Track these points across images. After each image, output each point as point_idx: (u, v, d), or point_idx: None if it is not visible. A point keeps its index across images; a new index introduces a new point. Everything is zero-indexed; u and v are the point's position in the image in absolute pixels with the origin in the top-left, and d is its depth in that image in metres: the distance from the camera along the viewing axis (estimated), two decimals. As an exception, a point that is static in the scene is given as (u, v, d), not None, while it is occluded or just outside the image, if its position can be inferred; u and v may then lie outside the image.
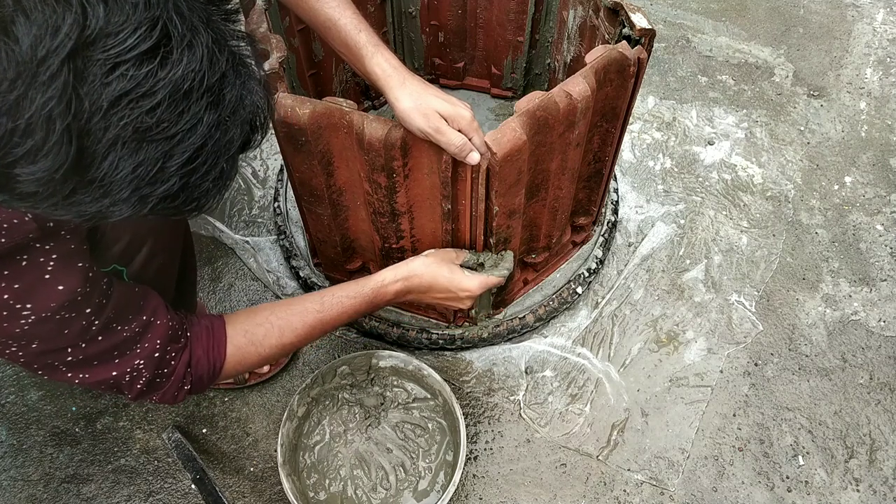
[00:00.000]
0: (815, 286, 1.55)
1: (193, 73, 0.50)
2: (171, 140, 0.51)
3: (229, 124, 0.55)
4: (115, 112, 0.48)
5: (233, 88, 0.54)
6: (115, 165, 0.50)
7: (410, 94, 0.93)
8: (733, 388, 1.40)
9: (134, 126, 0.49)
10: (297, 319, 1.00)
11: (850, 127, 1.85)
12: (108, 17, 0.46)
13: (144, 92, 0.48)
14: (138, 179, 0.51)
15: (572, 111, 1.01)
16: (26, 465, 1.30)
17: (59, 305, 0.71)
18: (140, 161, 0.50)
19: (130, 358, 0.83)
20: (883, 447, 1.33)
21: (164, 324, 0.86)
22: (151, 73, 0.48)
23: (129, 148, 0.49)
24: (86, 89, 0.46)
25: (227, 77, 0.53)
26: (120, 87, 0.47)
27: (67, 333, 0.75)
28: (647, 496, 1.27)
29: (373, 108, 1.71)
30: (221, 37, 0.53)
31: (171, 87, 0.49)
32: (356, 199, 1.15)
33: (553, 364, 1.42)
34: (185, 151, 0.52)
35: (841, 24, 2.13)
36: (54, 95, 0.45)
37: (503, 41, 1.58)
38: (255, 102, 0.57)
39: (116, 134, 0.48)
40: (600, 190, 1.33)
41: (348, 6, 0.99)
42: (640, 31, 1.05)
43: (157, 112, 0.49)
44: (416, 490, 1.25)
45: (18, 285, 0.68)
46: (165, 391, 0.90)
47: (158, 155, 0.51)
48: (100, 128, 0.48)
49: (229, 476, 1.29)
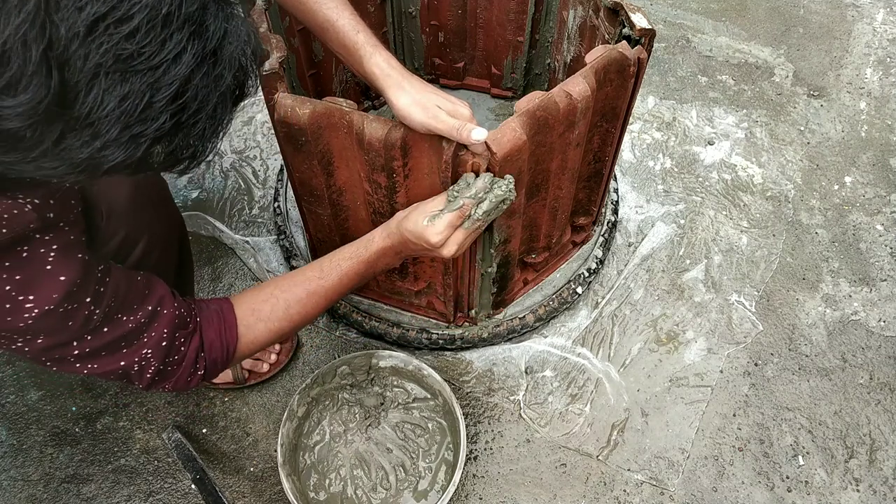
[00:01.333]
0: (815, 286, 1.55)
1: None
2: (155, 71, 0.49)
3: (216, 58, 0.53)
4: (93, 38, 0.46)
5: (216, 20, 0.53)
6: (100, 99, 0.48)
7: (409, 92, 0.93)
8: (733, 388, 1.40)
9: (114, 53, 0.47)
10: (300, 290, 1.00)
11: (850, 127, 1.85)
12: None
13: (120, 16, 0.47)
14: (126, 115, 0.50)
15: (572, 111, 1.01)
16: (26, 465, 1.30)
17: (61, 297, 0.71)
18: (125, 93, 0.49)
19: (138, 347, 0.83)
20: (883, 447, 1.33)
21: (170, 313, 0.86)
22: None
23: (112, 79, 0.48)
24: (60, 14, 0.45)
25: (209, 8, 0.52)
26: (94, 11, 0.46)
27: (71, 325, 0.75)
28: (647, 496, 1.27)
29: (373, 108, 1.71)
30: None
31: (148, 11, 0.47)
32: (356, 199, 1.15)
33: (553, 364, 1.42)
34: (172, 83, 0.50)
35: (841, 24, 2.13)
36: (26, 19, 0.44)
37: (503, 41, 1.58)
38: (242, 38, 0.56)
39: (97, 62, 0.47)
40: (600, 190, 1.33)
41: (346, 7, 0.99)
42: (640, 31, 1.05)
43: (137, 38, 0.48)
44: (416, 490, 1.25)
45: (20, 276, 0.68)
46: (178, 378, 0.90)
47: (144, 87, 0.49)
48: (79, 55, 0.47)
49: (229, 476, 1.29)
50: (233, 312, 0.96)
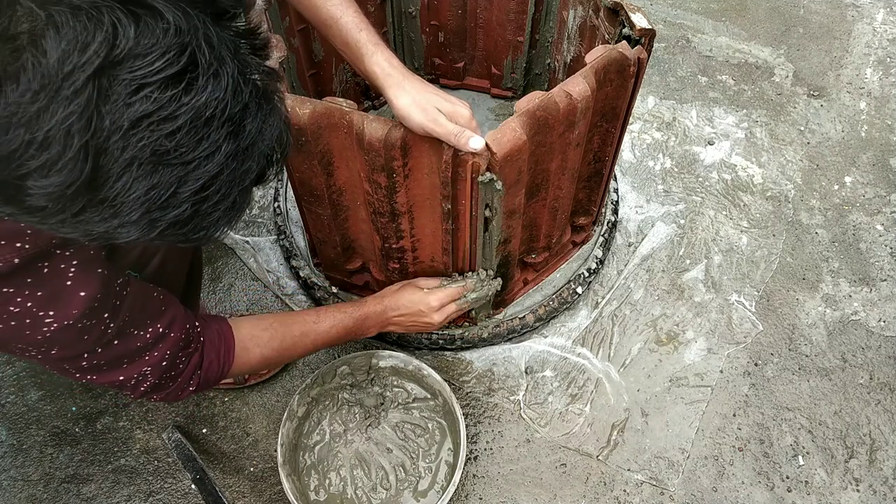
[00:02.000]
0: (815, 286, 1.55)
1: (216, 101, 0.50)
2: (187, 166, 0.51)
3: (247, 156, 0.55)
4: (134, 133, 0.48)
5: (254, 120, 0.54)
6: (129, 186, 0.50)
7: (409, 92, 0.93)
8: (733, 388, 1.40)
9: (152, 148, 0.49)
10: (296, 327, 1.09)
11: (850, 127, 1.85)
12: (139, 39, 0.46)
13: (166, 115, 0.48)
14: (150, 202, 0.51)
15: (572, 111, 1.01)
16: (26, 465, 1.30)
17: (80, 313, 0.72)
18: (154, 184, 0.50)
19: (139, 365, 0.84)
20: (883, 447, 1.33)
21: (176, 336, 0.88)
22: (175, 97, 0.48)
23: (144, 170, 0.49)
24: (108, 108, 0.46)
25: (250, 109, 0.53)
26: (142, 109, 0.47)
27: (87, 339, 0.76)
28: (647, 496, 1.27)
29: (373, 108, 1.71)
30: (247, 69, 0.53)
31: (192, 113, 0.49)
32: (356, 199, 1.15)
33: (553, 364, 1.42)
34: (200, 178, 0.52)
35: (841, 24, 2.13)
36: (76, 111, 0.45)
37: (503, 41, 1.58)
38: (275, 137, 0.57)
39: (133, 154, 0.48)
40: (600, 190, 1.33)
41: (350, 5, 0.99)
42: (640, 31, 1.05)
43: (177, 136, 0.49)
44: (416, 490, 1.25)
45: (41, 293, 0.68)
46: (169, 392, 0.92)
47: (173, 179, 0.51)
48: (118, 147, 0.48)
49: (229, 476, 1.29)
50: (233, 336, 1.00)
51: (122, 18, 0.45)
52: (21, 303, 0.67)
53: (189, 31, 0.48)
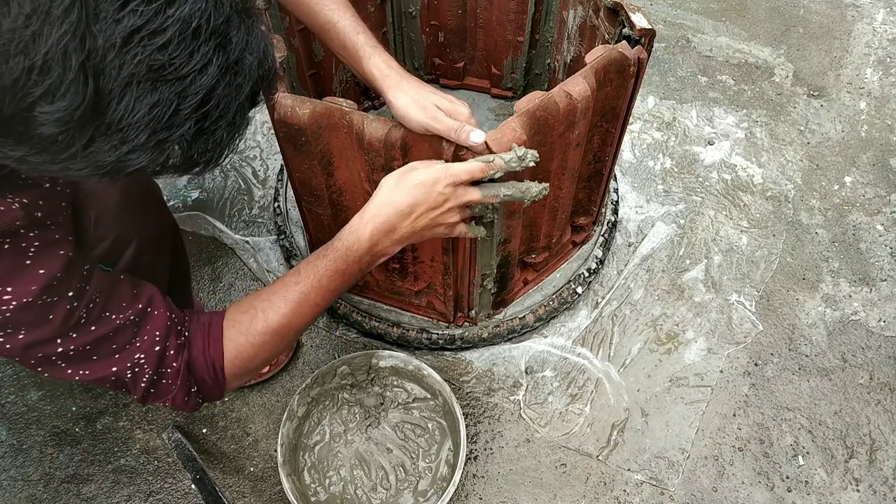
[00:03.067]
0: (815, 286, 1.55)
1: (200, 13, 0.51)
2: (183, 80, 0.52)
3: (238, 69, 0.56)
4: (128, 49, 0.49)
5: (238, 32, 0.56)
6: (132, 106, 0.51)
7: (407, 92, 0.94)
8: (733, 388, 1.40)
9: (147, 64, 0.50)
10: (277, 297, 0.90)
11: (850, 127, 1.85)
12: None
13: (155, 28, 0.49)
14: (154, 122, 0.52)
15: (572, 111, 1.01)
16: (26, 465, 1.30)
17: (39, 289, 0.71)
18: (155, 102, 0.52)
19: (130, 352, 0.80)
20: (883, 447, 1.33)
21: (161, 314, 0.82)
22: (160, 9, 0.49)
23: (143, 88, 0.51)
24: (99, 26, 0.48)
25: (232, 21, 0.55)
26: (131, 24, 0.48)
27: (52, 319, 0.73)
28: (647, 496, 1.27)
29: (373, 108, 1.71)
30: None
31: (179, 24, 0.50)
32: (356, 199, 1.15)
33: (553, 364, 1.42)
34: (198, 92, 0.53)
35: (841, 24, 2.13)
36: (68, 30, 0.46)
37: (503, 41, 1.58)
38: (261, 49, 0.59)
39: (131, 72, 0.50)
40: (600, 190, 1.33)
41: (347, 8, 0.99)
42: (640, 31, 1.05)
43: (169, 49, 0.50)
44: (416, 490, 1.25)
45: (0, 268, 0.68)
46: (175, 395, 0.85)
47: (172, 96, 0.52)
48: (114, 65, 0.49)
49: (229, 476, 1.29)
50: (220, 327, 0.88)
51: None
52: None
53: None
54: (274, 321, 0.89)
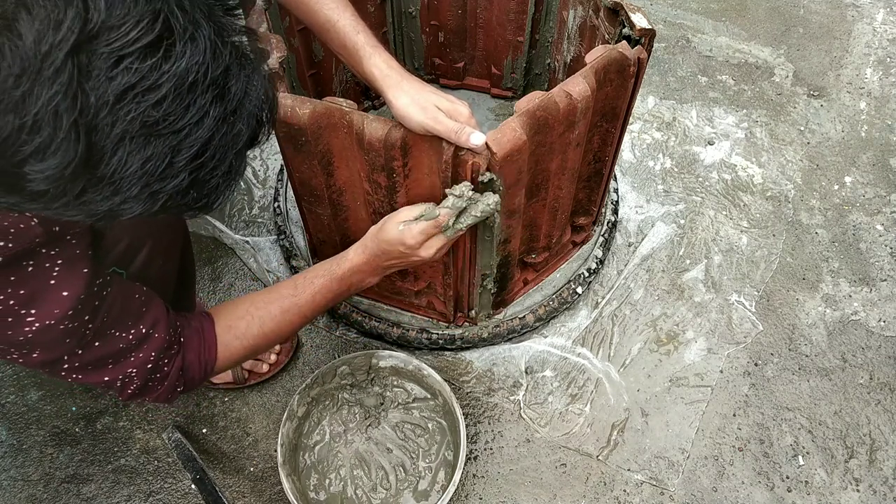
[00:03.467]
0: (815, 286, 1.55)
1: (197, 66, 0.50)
2: (178, 134, 0.51)
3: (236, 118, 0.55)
4: (121, 106, 0.48)
5: (237, 81, 0.54)
6: (124, 161, 0.50)
7: (408, 92, 0.94)
8: (733, 388, 1.40)
9: (141, 120, 0.49)
10: (274, 307, 1.00)
11: (850, 127, 1.85)
12: (110, 11, 0.46)
13: (149, 85, 0.48)
14: (147, 175, 0.51)
15: (572, 111, 1.01)
16: (26, 465, 1.30)
17: (63, 313, 0.71)
18: (148, 156, 0.50)
19: (123, 366, 0.83)
20: (883, 447, 1.33)
21: (161, 337, 0.86)
22: (155, 66, 0.48)
23: (137, 143, 0.49)
24: (91, 84, 0.46)
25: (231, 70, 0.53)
26: (125, 81, 0.47)
27: (69, 342, 0.75)
28: (647, 496, 1.27)
29: (373, 108, 1.71)
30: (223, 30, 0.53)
31: (175, 80, 0.49)
32: (356, 199, 1.15)
33: (553, 364, 1.42)
34: (193, 145, 0.52)
35: (841, 24, 2.13)
36: (59, 90, 0.45)
37: (503, 41, 1.58)
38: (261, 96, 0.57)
39: (124, 129, 0.48)
40: (600, 190, 1.33)
41: (347, 8, 0.99)
42: (640, 31, 1.05)
43: (163, 105, 0.49)
44: (416, 490, 1.25)
45: (24, 291, 0.68)
46: (158, 394, 0.90)
47: (166, 149, 0.51)
48: (107, 122, 0.48)
49: (229, 476, 1.29)
50: (213, 331, 0.96)
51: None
52: (3, 300, 0.67)
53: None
54: (268, 328, 0.99)
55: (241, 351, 0.98)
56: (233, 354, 0.98)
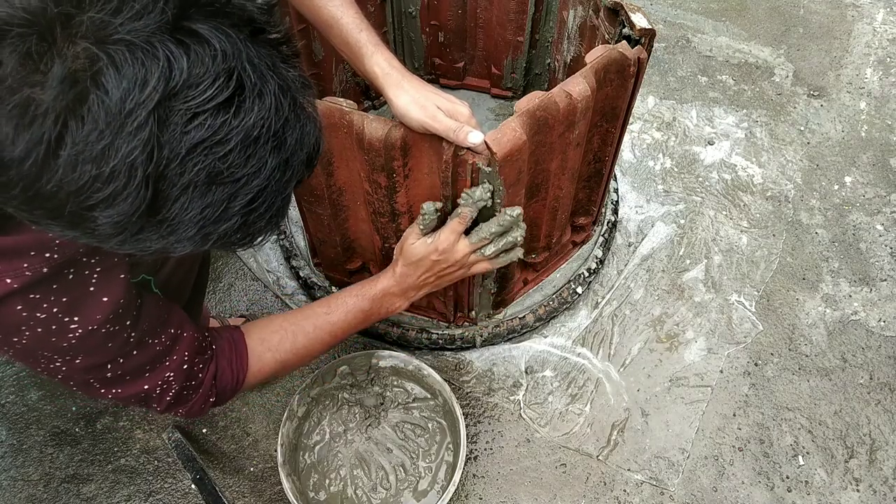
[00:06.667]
0: (815, 286, 1.55)
1: (262, 121, 0.52)
2: (237, 182, 0.53)
3: (288, 166, 0.57)
4: (190, 158, 0.49)
5: (293, 132, 0.56)
6: (186, 207, 0.52)
7: (408, 91, 0.94)
8: (733, 388, 1.40)
9: (207, 171, 0.51)
10: (307, 323, 1.03)
11: (850, 127, 1.85)
12: (191, 69, 0.48)
13: (220, 139, 0.50)
14: (204, 220, 0.53)
15: (572, 111, 1.01)
16: (26, 465, 1.30)
17: (104, 318, 0.73)
18: (208, 203, 0.53)
19: (161, 371, 0.84)
20: (883, 447, 1.33)
21: (190, 335, 0.87)
22: (227, 121, 0.50)
23: (199, 191, 0.51)
24: (166, 138, 0.48)
25: (290, 121, 0.55)
26: (198, 136, 0.49)
27: (111, 347, 0.76)
28: (647, 496, 1.27)
29: (373, 108, 1.71)
30: (285, 82, 0.55)
31: (243, 135, 0.51)
32: (356, 199, 1.15)
33: (553, 364, 1.42)
34: (249, 193, 0.54)
35: (841, 24, 2.13)
36: (138, 146, 0.47)
37: (503, 41, 1.58)
38: (312, 143, 0.59)
39: (191, 178, 0.50)
40: (600, 190, 1.33)
41: (351, 5, 0.99)
42: (640, 31, 1.05)
43: (230, 158, 0.51)
44: (416, 490, 1.25)
45: (66, 298, 0.69)
46: (193, 404, 0.91)
47: (225, 197, 0.53)
48: (176, 173, 0.50)
49: (229, 476, 1.29)
50: (244, 342, 0.97)
51: (174, 50, 0.47)
52: (47, 308, 0.68)
53: (233, 54, 0.50)
54: (301, 344, 1.01)
55: (272, 364, 1.00)
56: (265, 366, 0.99)
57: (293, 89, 0.56)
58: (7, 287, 0.64)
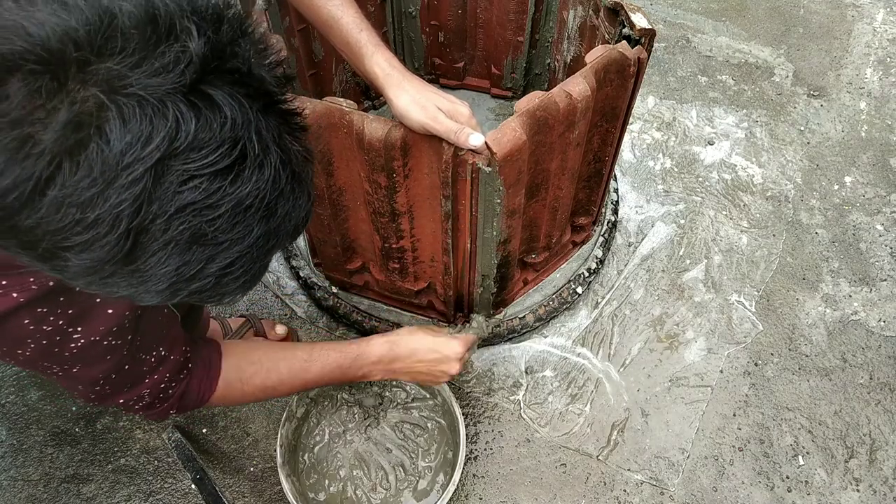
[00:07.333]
0: (815, 286, 1.55)
1: (258, 191, 0.51)
2: (219, 246, 0.52)
3: (274, 235, 0.56)
4: (178, 217, 0.49)
5: (286, 204, 0.55)
6: (162, 262, 0.51)
7: (408, 92, 0.94)
8: (733, 388, 1.40)
9: (192, 231, 0.50)
10: (284, 365, 1.03)
11: (850, 127, 1.85)
12: (197, 133, 0.47)
13: (211, 203, 0.49)
14: (178, 276, 0.52)
15: (572, 111, 1.01)
16: (26, 465, 1.30)
17: (107, 330, 0.73)
18: (186, 261, 0.51)
19: (140, 387, 0.86)
20: (883, 447, 1.33)
21: (175, 359, 0.88)
22: (222, 188, 0.49)
23: (179, 249, 0.51)
24: (158, 194, 0.47)
25: (284, 194, 0.54)
26: (190, 198, 0.48)
27: (109, 359, 0.77)
28: (647, 496, 1.27)
29: (373, 108, 1.71)
30: (287, 155, 0.54)
31: (235, 202, 0.50)
32: (356, 199, 1.15)
33: (553, 364, 1.42)
34: (229, 257, 0.53)
35: (841, 24, 2.13)
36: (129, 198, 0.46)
37: (503, 41, 1.58)
38: (301, 215, 0.58)
39: (173, 236, 0.49)
40: (600, 190, 1.33)
41: (351, 5, 0.99)
42: (640, 31, 1.05)
43: (217, 222, 0.50)
44: (416, 490, 1.25)
45: (72, 311, 0.69)
46: (155, 412, 0.92)
47: (204, 258, 0.52)
48: (160, 229, 0.49)
49: (229, 476, 1.29)
50: (220, 365, 0.98)
51: (185, 111, 0.46)
52: (53, 321, 0.69)
53: (243, 124, 0.49)
54: (270, 384, 1.02)
55: (238, 394, 1.01)
56: (229, 394, 0.99)
57: (294, 163, 0.55)
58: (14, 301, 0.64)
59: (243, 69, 0.50)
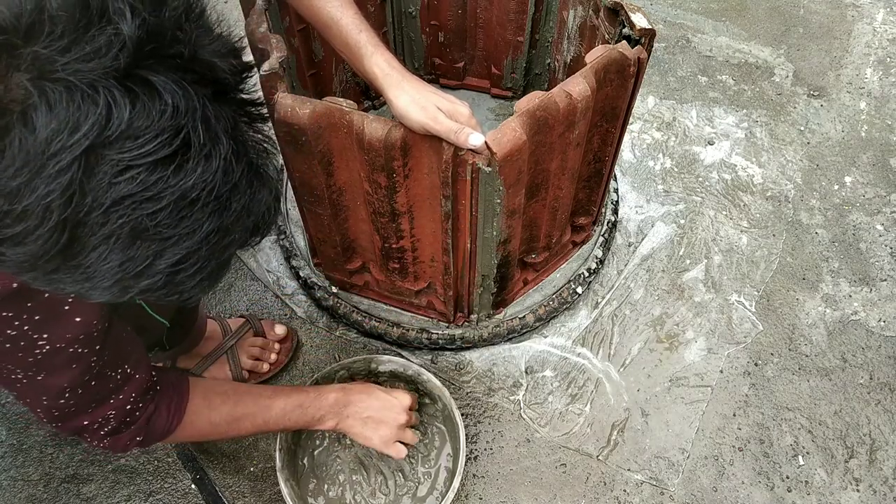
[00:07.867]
0: (815, 286, 1.55)
1: (204, 183, 0.49)
2: (165, 241, 0.50)
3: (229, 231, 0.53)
4: (115, 210, 0.46)
5: (241, 198, 0.53)
6: (104, 258, 0.48)
7: (408, 92, 0.94)
8: (733, 388, 1.40)
9: (132, 225, 0.47)
10: (249, 398, 1.04)
11: (850, 127, 1.85)
12: (132, 121, 0.45)
13: (151, 196, 0.47)
14: (124, 272, 0.50)
15: (572, 111, 1.01)
16: (26, 465, 1.30)
17: (73, 338, 0.71)
18: (130, 257, 0.49)
19: (105, 408, 0.83)
20: (883, 447, 1.33)
21: (142, 378, 0.86)
22: (163, 179, 0.47)
23: (121, 243, 0.48)
24: (91, 185, 0.45)
25: (239, 187, 0.52)
26: (127, 189, 0.46)
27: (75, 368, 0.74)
28: (647, 496, 1.27)
29: (373, 108, 1.71)
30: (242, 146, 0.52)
31: (178, 194, 0.48)
32: (356, 199, 1.15)
33: (553, 364, 1.42)
34: (178, 254, 0.51)
35: (841, 24, 2.13)
36: (57, 189, 0.44)
37: (503, 41, 1.58)
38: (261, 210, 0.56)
39: (112, 230, 0.47)
40: (600, 190, 1.33)
41: (350, 6, 0.99)
42: (640, 31, 1.05)
43: (159, 216, 0.48)
44: (416, 496, 1.25)
45: (39, 317, 0.68)
46: (120, 439, 0.89)
47: (150, 253, 0.50)
48: (97, 222, 0.47)
49: (229, 476, 1.29)
50: (188, 393, 0.96)
51: (119, 98, 0.44)
52: (18, 326, 0.67)
53: (187, 112, 0.46)
54: (237, 413, 1.02)
55: (206, 424, 0.99)
56: (197, 424, 0.98)
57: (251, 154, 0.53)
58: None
59: (187, 54, 0.47)
